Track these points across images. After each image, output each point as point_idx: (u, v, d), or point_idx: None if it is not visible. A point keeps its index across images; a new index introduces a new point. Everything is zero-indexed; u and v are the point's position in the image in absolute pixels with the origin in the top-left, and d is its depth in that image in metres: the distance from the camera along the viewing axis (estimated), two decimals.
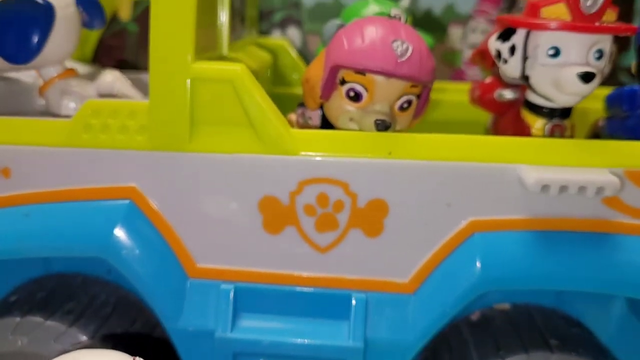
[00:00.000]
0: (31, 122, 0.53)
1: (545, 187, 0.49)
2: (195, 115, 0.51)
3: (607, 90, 0.59)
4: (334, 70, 0.52)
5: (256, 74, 0.65)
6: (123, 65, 0.89)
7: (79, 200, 0.53)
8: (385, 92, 0.51)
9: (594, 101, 0.61)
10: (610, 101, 0.61)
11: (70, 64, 0.78)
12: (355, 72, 0.51)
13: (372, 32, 0.51)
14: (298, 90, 0.69)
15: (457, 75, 0.91)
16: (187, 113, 0.51)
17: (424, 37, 0.68)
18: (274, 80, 0.82)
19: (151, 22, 0.50)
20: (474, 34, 0.91)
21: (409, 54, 0.50)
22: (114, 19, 0.84)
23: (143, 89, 0.62)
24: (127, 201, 0.53)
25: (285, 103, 0.77)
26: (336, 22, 0.62)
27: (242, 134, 0.51)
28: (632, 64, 0.57)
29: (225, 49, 0.61)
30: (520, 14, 0.54)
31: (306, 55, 0.90)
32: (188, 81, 0.50)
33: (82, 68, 0.79)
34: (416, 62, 0.51)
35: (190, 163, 0.52)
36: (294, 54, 0.83)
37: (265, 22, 0.91)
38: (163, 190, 0.52)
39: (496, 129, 0.63)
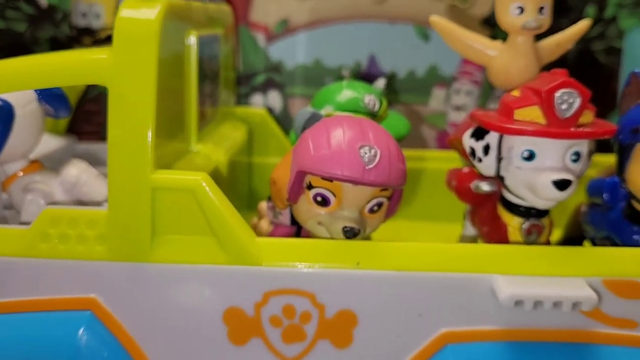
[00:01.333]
0: None
1: (518, 302, 0.47)
2: (156, 225, 0.50)
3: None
4: (300, 175, 0.50)
5: (231, 152, 0.64)
6: (103, 129, 0.87)
7: (38, 311, 0.51)
8: (354, 198, 0.50)
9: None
10: (591, 190, 0.59)
11: (45, 137, 0.77)
12: (321, 178, 0.49)
13: (338, 137, 0.49)
14: (277, 160, 0.67)
15: (442, 137, 0.89)
16: (148, 222, 0.49)
17: (400, 122, 0.67)
18: (254, 150, 0.81)
19: (109, 130, 0.49)
20: (458, 96, 0.89)
21: (377, 160, 0.48)
22: (92, 85, 0.83)
23: None
24: (87, 312, 0.51)
25: (264, 172, 0.75)
26: (308, 110, 0.60)
27: (205, 244, 0.49)
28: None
29: (193, 142, 0.59)
30: (494, 112, 0.53)
31: (287, 119, 0.89)
32: (148, 190, 0.49)
33: (55, 141, 0.77)
34: (385, 167, 0.49)
35: (151, 274, 0.50)
36: (273, 122, 0.82)
37: (245, 86, 0.89)
38: (124, 302, 0.50)
39: (473, 219, 0.61)
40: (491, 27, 0.88)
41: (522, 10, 0.54)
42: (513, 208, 0.54)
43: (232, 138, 0.68)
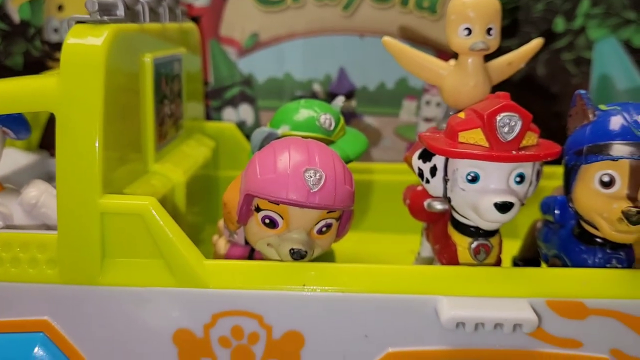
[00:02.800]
0: None
1: (459, 324, 0.47)
2: (106, 248, 0.50)
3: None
4: (248, 197, 0.51)
5: (192, 170, 0.65)
6: None
7: None
8: (301, 220, 0.50)
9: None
10: (544, 207, 0.59)
11: (15, 153, 0.78)
12: (268, 201, 0.50)
13: (284, 161, 0.50)
14: None
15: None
16: (98, 246, 0.50)
17: (357, 139, 0.67)
18: (223, 164, 0.81)
19: (57, 156, 0.49)
20: (429, 107, 0.89)
21: (321, 183, 0.49)
22: None
23: None
24: (40, 334, 0.52)
25: None
26: (264, 130, 0.61)
27: (154, 267, 0.50)
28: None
29: (151, 162, 0.60)
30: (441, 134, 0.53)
31: None
32: (97, 215, 0.49)
33: (25, 158, 0.78)
34: (330, 190, 0.49)
35: (102, 296, 0.51)
36: (242, 136, 0.82)
37: (218, 99, 0.90)
38: (76, 324, 0.51)
39: (428, 236, 0.61)
40: None
41: (470, 31, 0.54)
42: (462, 228, 0.54)
43: (195, 155, 0.68)
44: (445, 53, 0.88)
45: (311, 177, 0.49)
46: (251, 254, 0.58)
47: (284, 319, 0.50)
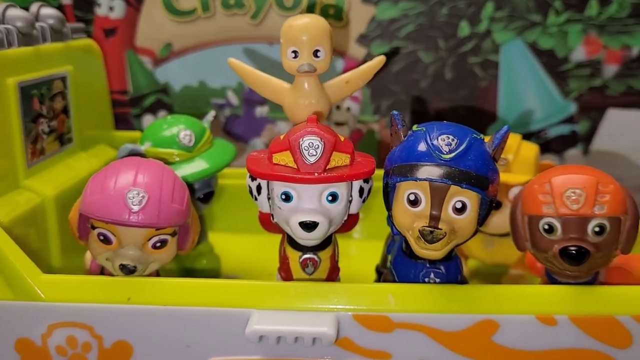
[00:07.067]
0: None
1: (263, 337, 0.50)
2: None
3: None
4: (82, 216, 0.55)
5: (72, 182, 0.69)
6: None
7: None
8: (129, 238, 0.54)
9: None
10: (388, 220, 0.61)
11: None
12: (98, 220, 0.54)
13: (110, 183, 0.53)
14: None
15: None
16: None
17: (225, 149, 0.69)
18: None
19: None
20: (339, 112, 0.91)
21: (143, 204, 0.52)
22: None
23: None
24: None
25: None
26: (128, 146, 0.64)
27: None
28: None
29: (22, 179, 0.64)
30: None
31: None
32: None
33: None
34: (153, 210, 0.53)
35: None
36: None
37: (137, 107, 0.93)
38: None
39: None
40: (366, 45, 0.90)
41: (296, 54, 0.57)
42: (293, 242, 0.57)
43: (80, 168, 0.72)
44: (354, 60, 0.90)
45: (134, 197, 0.52)
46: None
47: (112, 330, 0.54)
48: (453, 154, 0.50)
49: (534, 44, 0.88)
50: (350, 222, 0.63)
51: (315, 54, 0.57)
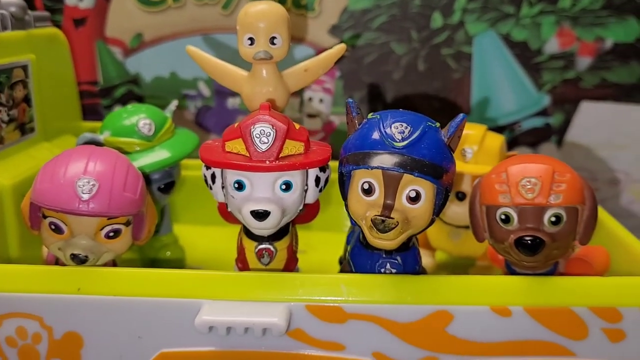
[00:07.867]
0: None
1: (212, 328, 0.50)
2: None
3: None
4: (33, 205, 0.54)
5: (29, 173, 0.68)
6: None
7: None
8: (80, 227, 0.53)
9: None
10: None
11: None
12: (48, 209, 0.53)
13: (60, 171, 0.52)
14: None
15: None
16: None
17: (187, 137, 0.68)
18: None
19: None
20: (311, 103, 0.90)
21: (93, 192, 0.52)
22: None
23: None
24: None
25: None
26: (87, 135, 0.63)
27: None
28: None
29: None
30: None
31: None
32: None
33: None
34: (104, 198, 0.52)
35: None
36: None
37: (107, 98, 0.92)
38: None
39: None
40: (338, 36, 0.89)
41: (252, 41, 0.56)
42: (248, 232, 0.56)
43: (42, 158, 0.71)
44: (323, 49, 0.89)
45: (84, 185, 0.52)
46: None
47: (62, 321, 0.53)
48: (406, 142, 0.49)
49: (507, 35, 0.87)
50: (310, 212, 0.62)
51: (272, 41, 0.56)
